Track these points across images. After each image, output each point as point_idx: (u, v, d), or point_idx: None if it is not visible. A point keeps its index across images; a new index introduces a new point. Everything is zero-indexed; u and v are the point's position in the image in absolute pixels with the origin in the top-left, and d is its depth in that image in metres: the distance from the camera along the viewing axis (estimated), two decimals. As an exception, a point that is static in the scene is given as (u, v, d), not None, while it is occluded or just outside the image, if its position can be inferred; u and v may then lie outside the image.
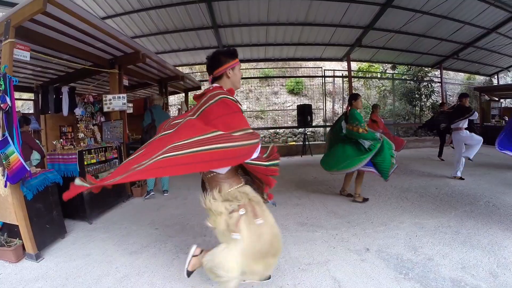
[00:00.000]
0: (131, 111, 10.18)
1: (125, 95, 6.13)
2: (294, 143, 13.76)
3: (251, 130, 2.08)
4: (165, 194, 6.34)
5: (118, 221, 4.84)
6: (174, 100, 14.51)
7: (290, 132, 15.47)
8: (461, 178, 7.00)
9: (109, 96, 6.08)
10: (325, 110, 15.06)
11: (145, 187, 6.38)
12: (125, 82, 6.50)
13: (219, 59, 2.37)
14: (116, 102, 6.05)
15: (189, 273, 2.59)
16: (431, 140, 14.49)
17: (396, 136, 9.13)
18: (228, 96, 2.17)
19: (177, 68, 9.44)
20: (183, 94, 11.58)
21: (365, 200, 5.41)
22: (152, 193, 6.22)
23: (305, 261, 3.30)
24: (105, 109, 6.14)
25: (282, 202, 5.43)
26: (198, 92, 2.47)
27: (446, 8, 9.87)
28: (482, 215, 4.64)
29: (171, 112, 12.48)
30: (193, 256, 2.60)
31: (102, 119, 6.36)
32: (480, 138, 7.04)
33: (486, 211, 4.85)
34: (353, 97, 5.46)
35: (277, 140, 14.92)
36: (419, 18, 10.30)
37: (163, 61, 7.29)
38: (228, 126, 2.01)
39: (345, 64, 13.71)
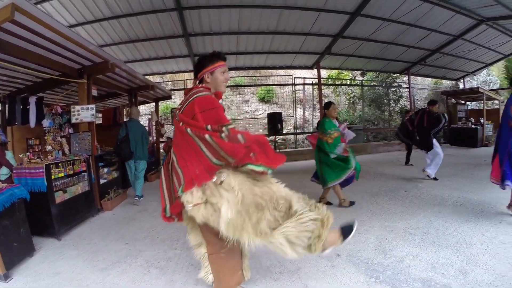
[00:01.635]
0: (100, 121, 9.94)
1: (94, 105, 6.02)
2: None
3: (234, 125, 2.20)
4: (135, 199, 6.47)
5: (88, 236, 4.71)
6: (145, 110, 14.29)
7: (261, 140, 15.51)
8: (435, 179, 7.28)
9: (78, 107, 5.93)
10: (295, 117, 15.26)
11: (115, 200, 6.29)
12: (94, 92, 6.34)
13: (201, 62, 2.48)
14: (85, 113, 5.91)
15: None
16: (400, 143, 14.96)
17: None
18: (205, 93, 2.30)
19: (148, 77, 9.39)
20: (154, 104, 11.43)
21: (351, 203, 5.49)
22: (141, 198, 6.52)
23: (277, 270, 3.34)
24: (73, 120, 5.98)
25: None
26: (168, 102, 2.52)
27: (413, 17, 10.31)
28: (451, 214, 4.82)
29: (141, 121, 12.31)
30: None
31: (71, 130, 6.23)
32: (442, 155, 7.32)
33: (454, 211, 5.05)
34: (326, 106, 5.55)
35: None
36: (387, 26, 10.71)
37: (133, 70, 7.23)
38: (207, 120, 2.15)
39: (315, 71, 14.01)
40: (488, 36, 13.08)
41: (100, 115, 10.19)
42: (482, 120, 15.45)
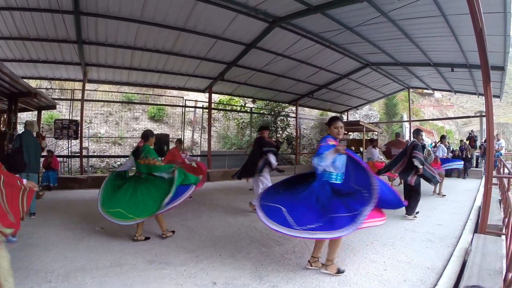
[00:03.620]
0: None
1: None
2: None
3: None
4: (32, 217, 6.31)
5: None
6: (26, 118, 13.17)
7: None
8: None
9: None
10: (184, 139, 15.57)
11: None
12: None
13: None
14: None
15: None
16: (285, 169, 16.14)
17: (200, 162, 9.69)
18: None
19: (34, 81, 8.79)
20: (36, 113, 10.69)
21: (172, 232, 5.42)
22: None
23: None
24: None
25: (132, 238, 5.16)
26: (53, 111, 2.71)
27: (305, 55, 11.74)
28: None
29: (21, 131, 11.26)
30: None
31: None
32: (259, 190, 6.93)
33: None
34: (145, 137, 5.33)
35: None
36: (280, 60, 11.92)
37: (15, 75, 6.88)
38: None
39: (208, 95, 14.50)
40: (371, 78, 15.71)
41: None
42: (361, 149, 17.93)
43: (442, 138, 11.26)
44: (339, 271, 3.75)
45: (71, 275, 3.68)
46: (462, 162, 11.71)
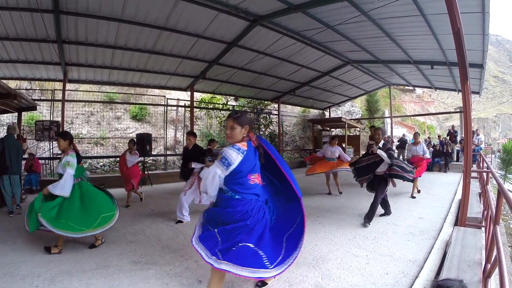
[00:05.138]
0: None
1: None
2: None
3: None
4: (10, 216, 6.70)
5: None
6: (6, 119, 13.01)
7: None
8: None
9: None
10: (166, 138, 15.56)
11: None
12: None
13: None
14: None
15: None
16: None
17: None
18: None
19: (14, 81, 8.62)
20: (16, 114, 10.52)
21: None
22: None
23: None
24: None
25: (116, 239, 5.26)
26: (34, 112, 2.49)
27: (286, 53, 11.85)
28: (309, 233, 4.96)
29: (1, 134, 11.13)
30: None
31: None
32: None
33: (312, 229, 5.56)
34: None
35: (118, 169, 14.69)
36: (262, 58, 12.04)
37: None
38: None
39: (190, 93, 14.54)
40: (353, 75, 16.04)
41: None
42: (344, 145, 18.12)
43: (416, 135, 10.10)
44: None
45: (58, 279, 3.72)
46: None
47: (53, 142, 12.45)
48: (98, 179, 11.19)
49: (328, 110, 22.49)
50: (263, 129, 19.67)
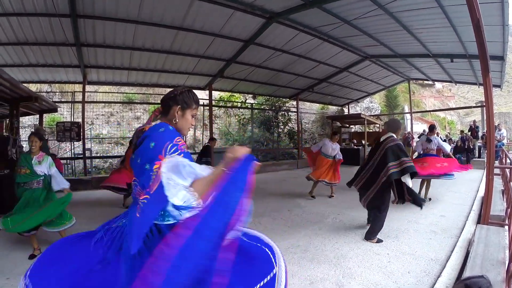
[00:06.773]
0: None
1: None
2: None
3: None
4: None
5: None
6: (28, 122, 13.22)
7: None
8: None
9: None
10: (186, 137, 15.55)
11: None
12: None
13: None
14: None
15: None
16: (287, 163, 16.33)
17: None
18: None
19: (35, 85, 8.74)
20: (38, 116, 10.69)
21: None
22: None
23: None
24: None
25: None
26: (54, 114, 2.24)
27: (304, 49, 11.72)
28: (329, 231, 5.26)
29: (23, 135, 11.26)
30: None
31: None
32: None
33: (333, 227, 5.54)
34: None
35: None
36: (279, 55, 11.89)
37: (15, 81, 6.83)
38: None
39: (208, 92, 14.55)
40: (371, 70, 15.70)
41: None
42: (363, 142, 17.94)
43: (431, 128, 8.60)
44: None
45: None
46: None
47: (74, 142, 12.58)
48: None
49: (347, 106, 22.16)
50: (282, 127, 19.50)
